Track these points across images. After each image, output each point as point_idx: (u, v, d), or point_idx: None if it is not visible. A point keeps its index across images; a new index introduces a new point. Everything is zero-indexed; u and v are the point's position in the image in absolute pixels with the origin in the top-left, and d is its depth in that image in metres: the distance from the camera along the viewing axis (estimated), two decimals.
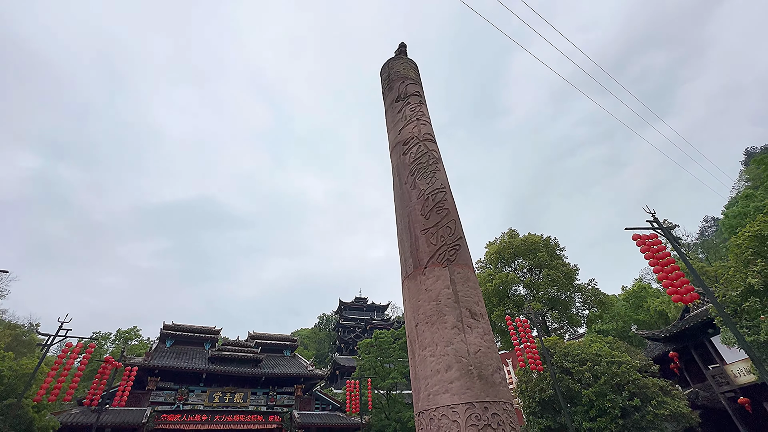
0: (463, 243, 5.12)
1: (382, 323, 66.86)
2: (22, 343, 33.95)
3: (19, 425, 13.15)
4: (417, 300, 4.67)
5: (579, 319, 30.06)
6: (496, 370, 4.17)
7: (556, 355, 16.56)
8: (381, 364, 34.50)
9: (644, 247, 10.37)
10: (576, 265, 30.39)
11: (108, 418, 21.38)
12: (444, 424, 3.76)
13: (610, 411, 14.05)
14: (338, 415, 29.76)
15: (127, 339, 42.94)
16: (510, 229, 33.56)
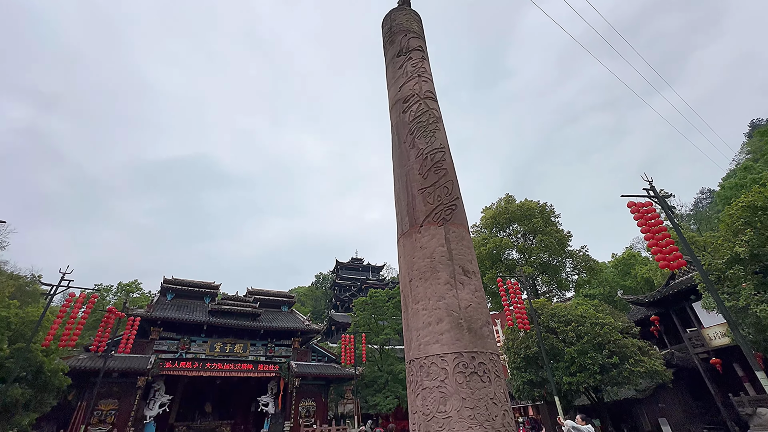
0: (459, 203, 5.16)
1: (377, 283, 68.84)
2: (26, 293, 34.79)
3: (30, 368, 13.85)
4: (412, 257, 4.79)
5: (568, 284, 31.09)
6: (485, 324, 4.38)
7: (543, 316, 17.31)
8: (375, 321, 35.98)
9: (638, 215, 10.51)
10: (569, 232, 30.91)
11: (114, 364, 22.48)
12: (433, 370, 4.00)
13: (589, 367, 14.96)
14: (333, 366, 31.47)
15: (129, 292, 44.12)
16: (507, 195, 33.69)
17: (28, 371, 13.81)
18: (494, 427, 3.64)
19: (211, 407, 29.86)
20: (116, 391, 23.73)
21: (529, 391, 17.09)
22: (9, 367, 12.89)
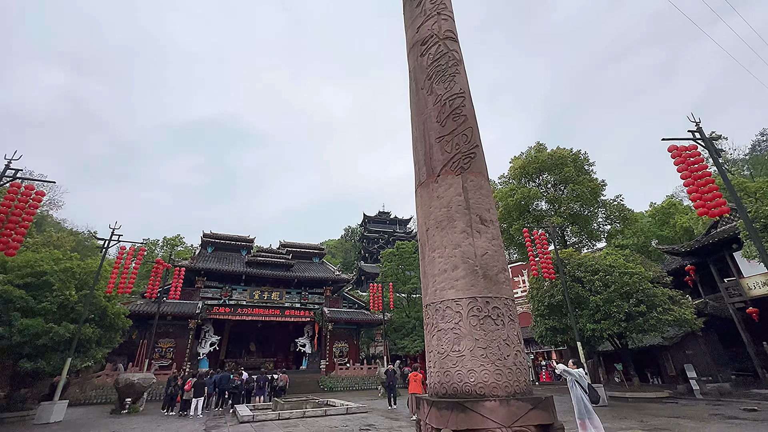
0: (478, 151, 5.03)
1: (404, 235, 69.93)
2: (85, 248, 38.41)
3: (96, 311, 15.72)
4: (429, 207, 4.82)
5: (599, 234, 30.22)
6: (501, 271, 4.45)
7: (569, 266, 17.18)
8: (402, 271, 37.19)
9: (679, 159, 9.79)
10: (603, 181, 29.40)
11: (167, 308, 25.01)
12: (448, 314, 4.19)
13: (614, 315, 14.99)
14: (363, 312, 33.39)
15: (173, 245, 47.58)
16: (537, 143, 32.04)
17: (94, 314, 15.68)
18: (506, 365, 3.84)
19: (255, 346, 33.04)
20: (172, 331, 26.65)
21: (552, 336, 17.52)
22: (79, 311, 14.69)
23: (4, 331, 12.64)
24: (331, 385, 26.67)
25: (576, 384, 7.09)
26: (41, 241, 30.59)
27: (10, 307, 12.99)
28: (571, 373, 7.20)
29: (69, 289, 14.66)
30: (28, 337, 12.97)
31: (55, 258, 15.74)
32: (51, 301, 13.94)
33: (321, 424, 10.85)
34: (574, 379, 7.13)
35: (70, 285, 14.90)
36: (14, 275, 13.84)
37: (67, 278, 15.01)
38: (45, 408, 13.22)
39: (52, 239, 31.90)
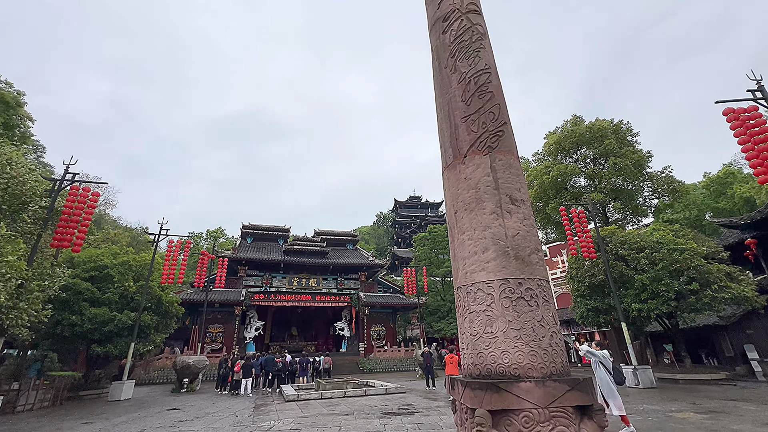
0: (507, 129, 4.85)
1: (436, 219, 69.32)
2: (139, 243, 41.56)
3: (152, 300, 17.10)
4: (456, 189, 4.75)
5: (645, 209, 28.38)
6: (534, 251, 4.33)
7: (611, 244, 16.34)
8: (436, 255, 37.09)
9: (736, 123, 8.90)
10: (649, 152, 27.38)
11: (214, 296, 26.67)
12: (479, 296, 4.16)
13: (663, 294, 14.15)
14: (398, 296, 33.82)
15: (216, 237, 50.27)
16: (574, 116, 30.24)
17: (151, 302, 17.08)
18: (541, 347, 3.78)
19: (296, 331, 34.61)
20: (219, 317, 28.48)
21: (594, 317, 16.88)
22: (137, 300, 16.06)
23: (77, 320, 14.10)
24: (369, 367, 27.49)
25: (600, 365, 6.92)
26: (101, 237, 33.41)
27: (79, 298, 14.42)
28: (594, 354, 7.03)
29: (128, 281, 16.02)
30: (97, 324, 14.38)
31: (114, 253, 17.19)
32: (113, 292, 15.32)
33: (361, 403, 11.28)
34: (598, 360, 6.96)
35: (128, 277, 16.26)
36: (80, 269, 15.28)
37: (125, 271, 16.39)
38: (116, 387, 14.71)
39: (110, 236, 34.75)
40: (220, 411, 10.78)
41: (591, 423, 3.38)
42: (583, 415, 3.43)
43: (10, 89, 21.66)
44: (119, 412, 11.19)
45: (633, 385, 13.16)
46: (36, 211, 10.94)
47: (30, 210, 10.79)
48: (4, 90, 21.02)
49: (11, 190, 9.86)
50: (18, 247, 9.32)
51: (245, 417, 9.55)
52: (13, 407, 11.54)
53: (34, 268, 10.61)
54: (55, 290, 11.39)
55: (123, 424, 8.92)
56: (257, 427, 8.03)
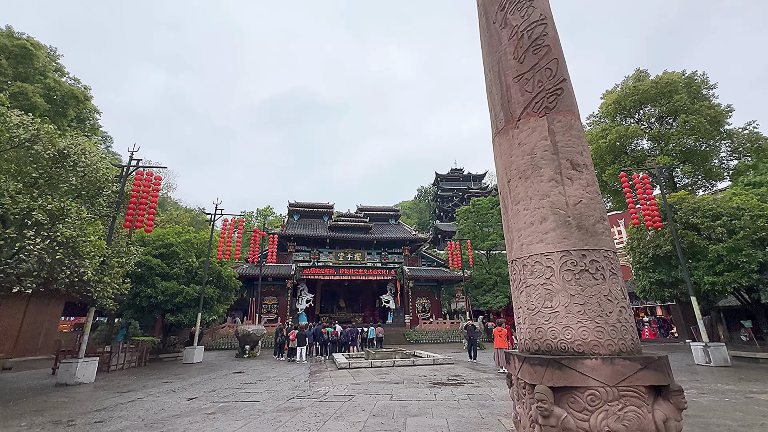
0: (566, 86, 4.37)
1: (480, 191, 67.22)
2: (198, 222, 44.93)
3: (213, 274, 18.57)
4: (509, 156, 4.42)
5: (721, 172, 25.26)
6: (599, 220, 3.97)
7: (680, 211, 14.80)
8: (480, 228, 36.18)
9: None
10: (729, 105, 23.99)
11: (267, 271, 28.36)
12: (537, 269, 3.92)
13: (743, 266, 12.69)
14: (442, 270, 33.77)
15: (265, 216, 52.92)
16: (637, 70, 27.07)
17: (212, 277, 18.55)
18: (608, 323, 3.51)
19: (344, 303, 36.09)
20: (273, 290, 30.36)
21: (658, 291, 15.64)
22: (200, 275, 17.51)
23: (151, 292, 15.69)
24: (416, 338, 28.10)
25: None
26: (165, 218, 36.52)
27: (152, 273, 15.97)
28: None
29: (191, 257, 17.42)
30: (168, 296, 15.91)
31: (177, 232, 18.68)
32: (179, 267, 16.77)
33: (411, 372, 11.58)
34: None
35: (191, 254, 17.67)
36: (151, 248, 16.83)
37: (188, 248, 17.81)
38: (188, 351, 16.38)
39: (173, 216, 37.84)
40: (279, 375, 11.63)
41: (667, 404, 3.12)
42: (658, 396, 3.17)
43: (78, 84, 23.65)
44: (193, 373, 12.48)
45: (703, 363, 12.19)
46: (109, 195, 12.06)
47: (104, 195, 11.90)
48: (73, 87, 23.00)
49: (88, 177, 10.90)
50: (98, 228, 10.39)
51: (302, 382, 10.22)
52: (108, 366, 13.31)
53: (113, 247, 11.82)
54: (131, 266, 12.66)
55: (197, 384, 9.93)
56: (314, 392, 8.55)
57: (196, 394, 8.40)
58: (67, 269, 8.90)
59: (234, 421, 5.87)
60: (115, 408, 7.04)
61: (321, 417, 6.04)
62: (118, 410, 6.84)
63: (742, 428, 5.00)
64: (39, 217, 8.32)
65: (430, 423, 5.52)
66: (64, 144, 10.40)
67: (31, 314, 17.50)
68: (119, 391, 8.96)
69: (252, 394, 8.38)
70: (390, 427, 5.35)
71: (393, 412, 6.31)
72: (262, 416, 6.16)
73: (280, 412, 6.51)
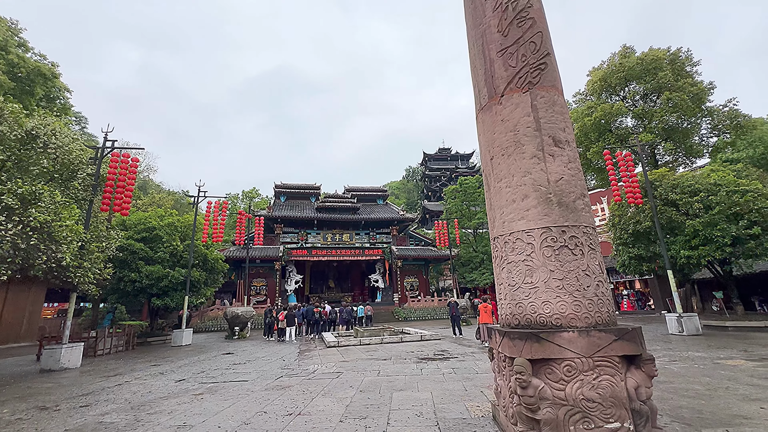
0: (550, 61, 4.30)
1: (467, 170, 67.37)
2: (183, 205, 44.03)
3: (198, 257, 18.35)
4: (492, 133, 4.38)
5: (701, 149, 25.81)
6: (579, 197, 4.00)
7: (661, 188, 15.15)
8: (467, 207, 36.50)
9: None
10: (711, 83, 24.28)
11: (255, 253, 28.20)
12: (518, 245, 3.95)
13: (717, 240, 13.17)
14: (430, 249, 34.16)
15: (251, 197, 52.13)
16: (623, 46, 26.98)
17: (198, 260, 18.35)
18: (585, 296, 3.59)
19: (333, 283, 36.37)
20: (261, 272, 30.32)
21: (637, 265, 16.19)
22: (186, 258, 17.27)
23: (135, 276, 15.46)
24: (405, 316, 28.67)
25: None
26: (147, 201, 35.65)
27: (135, 257, 15.68)
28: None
29: (175, 241, 17.13)
30: (153, 280, 15.71)
31: (160, 215, 18.26)
32: (164, 251, 16.49)
33: (398, 348, 11.85)
34: None
35: (175, 237, 17.36)
36: (132, 231, 16.45)
37: (171, 231, 17.47)
38: (177, 334, 16.36)
39: (155, 199, 36.94)
40: (269, 355, 11.75)
41: (639, 372, 3.25)
42: (631, 365, 3.30)
43: (44, 61, 22.31)
44: (181, 355, 12.50)
45: (677, 332, 12.80)
46: (84, 178, 11.61)
47: (79, 178, 11.46)
48: (40, 63, 21.68)
49: (60, 159, 10.44)
50: (73, 212, 10.06)
51: (291, 361, 10.35)
52: (94, 351, 13.21)
53: (92, 231, 11.50)
54: (112, 250, 12.38)
55: (186, 366, 9.96)
56: (302, 370, 8.68)
57: (184, 376, 8.43)
58: (44, 255, 8.64)
59: (222, 400, 5.93)
60: (102, 392, 7.02)
61: (309, 394, 6.15)
62: (104, 394, 6.82)
63: (708, 392, 5.30)
64: (9, 202, 7.99)
65: (415, 396, 5.68)
66: (32, 124, 9.89)
67: (11, 301, 17.11)
68: (106, 376, 8.93)
69: (241, 374, 8.46)
70: (376, 401, 5.48)
71: (380, 387, 6.46)
72: (251, 395, 6.24)
73: (268, 390, 6.60)
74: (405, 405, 5.21)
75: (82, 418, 5.25)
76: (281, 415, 4.98)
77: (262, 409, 5.29)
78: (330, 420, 4.65)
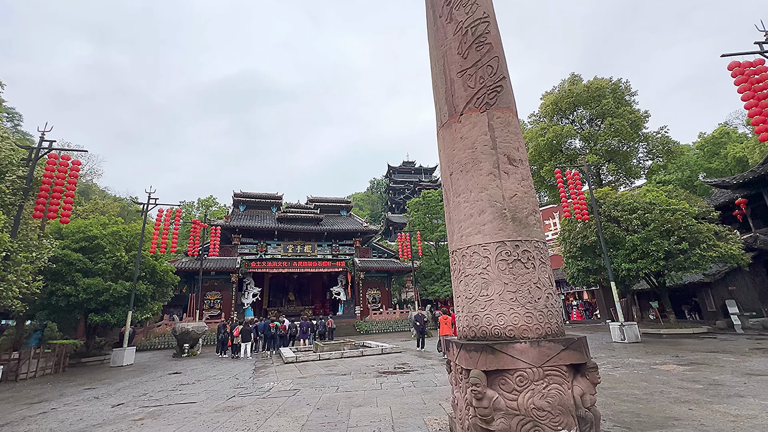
0: (505, 84, 4.55)
1: (430, 184, 69.02)
2: (130, 213, 41.01)
3: (146, 269, 17.05)
4: (452, 149, 4.53)
5: (638, 171, 28.37)
6: (531, 213, 4.21)
7: (604, 206, 16.41)
8: (429, 220, 37.23)
9: (741, 77, 8.59)
10: (647, 112, 26.94)
11: (210, 264, 26.75)
12: (475, 259, 4.07)
13: (653, 254, 14.42)
14: (393, 261, 34.29)
15: (208, 206, 49.71)
16: (572, 75, 29.34)
17: (145, 272, 17.05)
18: (536, 308, 3.75)
19: (293, 296, 35.28)
20: (216, 285, 28.77)
21: (584, 277, 17.31)
22: (131, 270, 16.00)
23: (71, 290, 14.04)
24: (366, 329, 28.35)
25: None
26: (89, 208, 32.81)
27: (71, 268, 14.28)
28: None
29: (119, 251, 15.84)
30: (92, 294, 14.37)
31: (103, 223, 16.86)
32: (106, 262, 15.18)
33: (358, 363, 11.65)
34: None
35: (119, 247, 16.07)
36: (70, 240, 15.02)
37: (116, 241, 16.16)
38: (117, 353, 14.99)
39: (99, 206, 34.10)
40: (221, 374, 11.07)
41: (584, 380, 3.42)
42: (577, 373, 3.47)
43: None
44: (122, 377, 11.44)
45: (619, 340, 13.73)
46: (14, 181, 10.49)
47: (8, 180, 10.33)
48: None
49: None
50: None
51: (245, 379, 9.83)
52: (16, 375, 11.74)
53: (20, 240, 10.35)
54: (44, 261, 11.21)
55: (125, 389, 9.12)
56: (257, 389, 8.25)
57: (123, 400, 7.70)
58: None
59: (165, 426, 5.47)
60: (22, 422, 6.23)
61: (263, 414, 5.85)
62: (24, 424, 6.05)
63: (645, 396, 5.69)
64: None
65: (374, 412, 5.58)
66: None
67: None
68: (28, 403, 7.94)
69: (188, 395, 7.88)
70: (334, 419, 5.32)
71: (338, 404, 6.29)
72: (198, 418, 5.82)
73: (218, 412, 6.19)
74: (363, 422, 5.11)
75: None
76: None
77: None
78: None
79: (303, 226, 32.06)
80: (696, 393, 5.71)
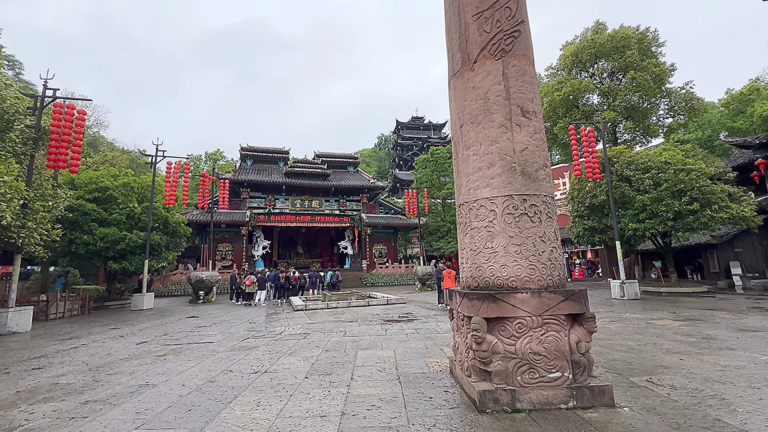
0: (524, 28, 4.28)
1: (439, 140, 67.51)
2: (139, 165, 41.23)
3: (159, 220, 17.51)
4: (463, 100, 4.37)
5: (657, 129, 27.23)
6: (541, 167, 4.15)
7: (618, 164, 16.02)
8: (437, 177, 36.94)
9: None
10: (673, 65, 25.26)
11: (220, 217, 27.32)
12: (482, 212, 4.09)
13: (662, 214, 14.30)
14: (399, 217, 34.62)
15: (215, 160, 49.67)
16: (596, 22, 27.21)
17: (158, 223, 17.53)
18: (540, 261, 3.83)
19: (302, 249, 36.26)
20: (227, 237, 29.60)
21: (590, 236, 17.36)
22: (144, 221, 16.44)
23: (89, 239, 14.60)
24: (372, 281, 29.37)
25: None
26: (99, 160, 33.03)
27: (87, 218, 14.73)
28: None
29: (132, 202, 16.19)
30: (109, 243, 14.93)
31: (113, 174, 17.07)
32: (119, 213, 15.59)
33: (365, 312, 12.23)
34: None
35: (132, 198, 16.39)
36: (83, 191, 15.34)
37: (127, 192, 16.46)
38: (137, 298, 15.88)
39: (108, 158, 34.28)
40: (235, 318, 11.76)
41: (581, 328, 3.57)
42: (575, 322, 3.62)
43: None
44: (143, 319, 12.23)
45: (619, 297, 14.08)
46: (23, 130, 10.51)
47: (17, 129, 10.36)
48: None
49: None
50: (11, 167, 9.15)
51: (258, 323, 10.44)
52: (46, 315, 12.61)
53: (35, 189, 10.59)
54: (60, 210, 11.54)
55: (147, 329, 9.79)
56: (269, 332, 8.79)
57: (146, 339, 8.30)
58: None
59: (186, 361, 5.94)
60: (56, 354, 6.80)
61: (275, 354, 6.29)
62: (59, 356, 6.61)
63: (638, 347, 5.96)
64: None
65: (379, 354, 5.96)
66: None
67: None
68: (60, 339, 8.61)
69: (206, 336, 8.45)
70: (341, 359, 5.71)
71: (345, 347, 6.71)
72: (216, 356, 6.28)
73: (234, 351, 6.66)
74: (369, 362, 5.47)
75: (35, 379, 5.09)
76: (247, 373, 5.08)
77: (228, 368, 5.37)
78: (296, 377, 4.81)
79: (310, 181, 32.12)
80: (688, 345, 5.95)
